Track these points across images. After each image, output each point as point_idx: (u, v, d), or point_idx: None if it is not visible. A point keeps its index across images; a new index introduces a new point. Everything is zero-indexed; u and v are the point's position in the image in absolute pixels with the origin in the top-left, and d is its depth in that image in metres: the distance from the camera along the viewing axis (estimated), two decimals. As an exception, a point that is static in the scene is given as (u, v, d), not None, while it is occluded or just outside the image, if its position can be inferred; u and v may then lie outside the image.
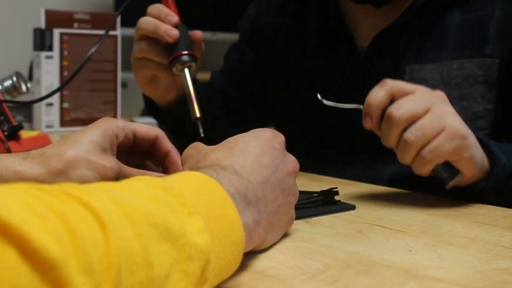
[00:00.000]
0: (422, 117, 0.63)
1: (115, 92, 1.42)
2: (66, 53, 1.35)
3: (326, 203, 0.65)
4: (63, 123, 1.36)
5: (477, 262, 0.49)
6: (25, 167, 0.54)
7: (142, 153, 0.65)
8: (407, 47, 0.86)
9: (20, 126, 0.92)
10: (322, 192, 0.65)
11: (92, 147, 0.56)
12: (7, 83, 1.08)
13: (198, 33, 0.86)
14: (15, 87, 1.08)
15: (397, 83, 0.66)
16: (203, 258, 0.35)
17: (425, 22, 0.86)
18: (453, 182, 0.66)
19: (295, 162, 0.54)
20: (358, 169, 0.88)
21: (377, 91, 0.66)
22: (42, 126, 1.34)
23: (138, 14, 0.87)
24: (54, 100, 1.34)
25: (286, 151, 0.53)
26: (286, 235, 0.54)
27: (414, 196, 0.73)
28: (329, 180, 0.83)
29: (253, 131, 0.53)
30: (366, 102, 0.66)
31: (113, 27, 1.38)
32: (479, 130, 0.83)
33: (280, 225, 0.51)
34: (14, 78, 1.08)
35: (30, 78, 1.50)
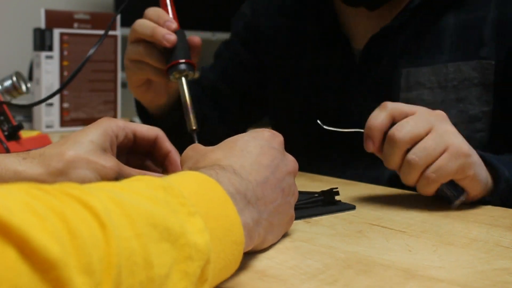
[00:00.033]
0: (424, 137, 0.63)
1: (115, 92, 1.42)
2: (66, 53, 1.35)
3: (326, 203, 0.65)
4: (63, 123, 1.36)
5: (477, 262, 0.49)
6: (25, 167, 0.54)
7: (142, 153, 0.65)
8: (403, 50, 0.86)
9: (20, 126, 0.93)
10: (323, 192, 0.65)
11: (92, 147, 0.56)
12: (7, 83, 1.09)
13: (196, 39, 0.83)
14: (15, 87, 1.08)
15: (397, 105, 0.66)
16: (203, 258, 0.35)
17: (420, 24, 0.86)
18: (458, 201, 0.66)
19: (294, 162, 0.54)
20: (358, 169, 0.88)
21: (377, 114, 0.65)
22: (42, 126, 1.34)
23: (138, 14, 0.86)
24: (54, 100, 1.34)
25: (285, 151, 0.54)
26: (286, 235, 0.54)
27: (414, 196, 0.73)
28: (329, 180, 0.83)
29: (252, 131, 0.53)
30: (367, 125, 0.66)
31: (113, 27, 1.38)
32: (476, 132, 0.83)
33: (280, 225, 0.51)
34: (14, 78, 1.08)
35: (30, 78, 1.50)
